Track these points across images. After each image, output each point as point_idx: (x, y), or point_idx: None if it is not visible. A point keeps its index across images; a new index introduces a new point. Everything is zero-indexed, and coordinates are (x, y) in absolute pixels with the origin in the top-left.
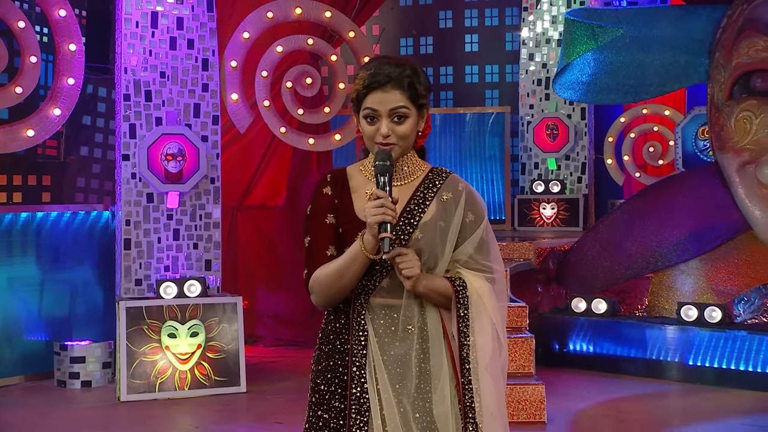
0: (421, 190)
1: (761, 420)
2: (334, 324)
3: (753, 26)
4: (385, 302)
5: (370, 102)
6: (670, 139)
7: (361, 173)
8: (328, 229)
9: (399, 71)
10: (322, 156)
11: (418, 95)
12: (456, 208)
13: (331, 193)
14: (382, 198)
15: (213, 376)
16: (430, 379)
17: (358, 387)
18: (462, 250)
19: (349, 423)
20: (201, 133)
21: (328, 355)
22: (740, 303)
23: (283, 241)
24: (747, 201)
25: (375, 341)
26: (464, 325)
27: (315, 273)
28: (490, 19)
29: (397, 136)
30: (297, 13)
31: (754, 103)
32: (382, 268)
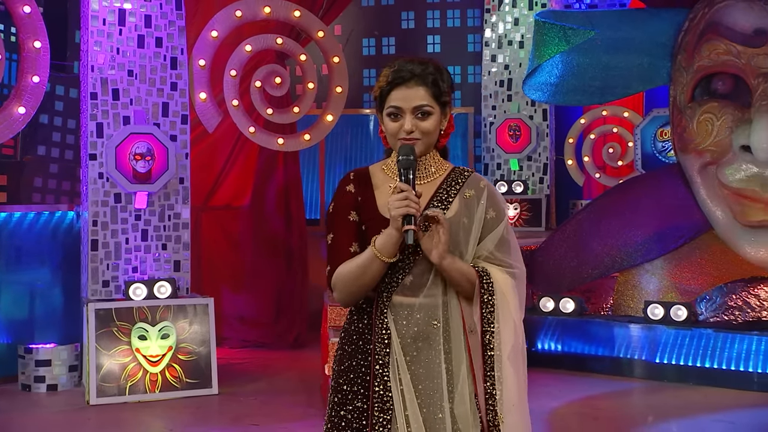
0: (444, 188)
1: (730, 416)
2: (357, 324)
3: (714, 30)
4: (408, 301)
5: (394, 98)
6: (629, 141)
7: (383, 172)
8: (351, 226)
9: (422, 68)
10: (289, 156)
11: (441, 93)
12: (478, 205)
13: (354, 190)
14: (406, 191)
15: (184, 378)
16: (452, 379)
17: (381, 386)
18: (482, 246)
19: (371, 422)
20: (170, 133)
21: (350, 355)
22: (702, 301)
23: (248, 242)
24: (709, 201)
25: (398, 341)
26: (488, 311)
27: (338, 270)
28: (452, 20)
29: (421, 132)
30: (266, 12)
31: (716, 106)
32: (405, 265)
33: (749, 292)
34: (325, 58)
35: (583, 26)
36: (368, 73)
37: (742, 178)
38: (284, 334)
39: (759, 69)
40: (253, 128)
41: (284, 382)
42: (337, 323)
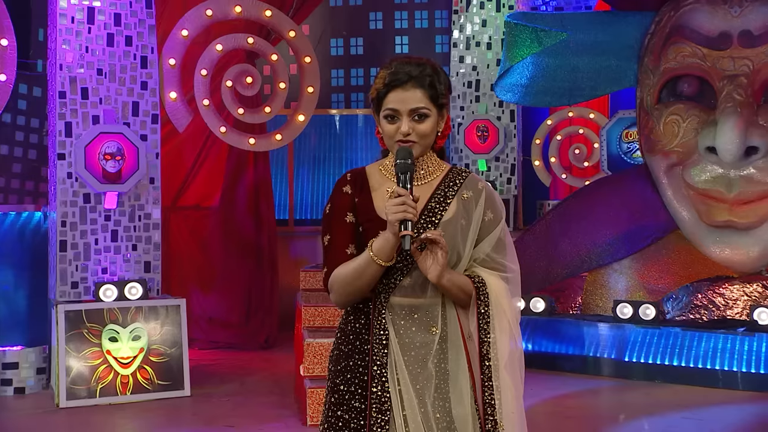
0: (442, 189)
1: (699, 413)
2: (354, 324)
3: (680, 33)
4: (406, 301)
5: (391, 101)
6: (595, 142)
7: (380, 172)
8: (347, 227)
9: (420, 70)
10: (259, 156)
11: (438, 95)
12: (476, 207)
13: (351, 191)
14: (403, 195)
15: (156, 380)
16: (449, 379)
17: (379, 386)
18: (480, 248)
19: (369, 422)
20: (140, 132)
21: (347, 355)
22: (669, 300)
23: (217, 243)
24: (675, 202)
25: (396, 341)
26: (485, 322)
27: (335, 272)
28: (419, 21)
29: (418, 134)
30: (237, 12)
31: (682, 107)
32: (403, 266)
33: (714, 291)
34: (297, 58)
35: (555, 28)
36: (336, 74)
37: (707, 179)
38: (254, 334)
39: (723, 72)
40: (225, 128)
41: (257, 383)
42: (311, 324)
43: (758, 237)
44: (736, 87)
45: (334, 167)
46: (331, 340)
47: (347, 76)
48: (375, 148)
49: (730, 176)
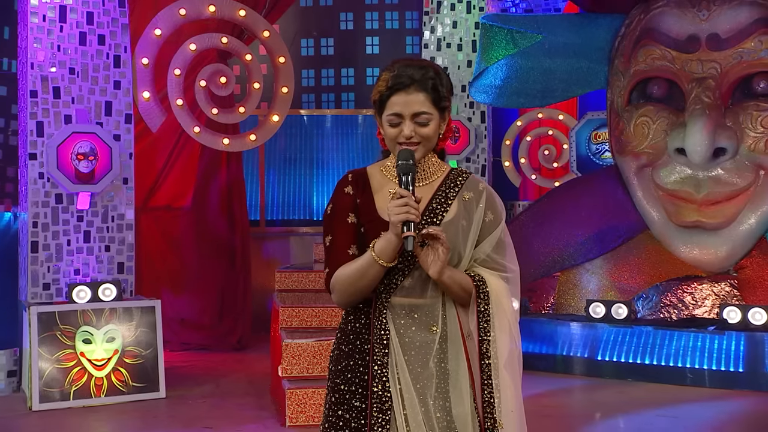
0: (443, 190)
1: (673, 411)
2: (354, 324)
3: (650, 36)
4: (407, 302)
5: (394, 104)
6: (564, 143)
7: (381, 173)
8: (349, 228)
9: (422, 73)
10: (232, 156)
11: (440, 98)
12: (477, 208)
13: (352, 192)
14: (406, 197)
15: (131, 382)
16: (449, 379)
17: (379, 385)
18: (480, 249)
19: (370, 422)
20: (113, 132)
21: (348, 354)
22: (640, 300)
23: (189, 244)
24: (645, 202)
25: (396, 340)
26: (484, 321)
27: (336, 272)
28: (390, 22)
29: (420, 137)
30: (210, 11)
31: (652, 109)
32: (404, 267)
33: (684, 290)
34: (271, 58)
35: (529, 30)
36: (307, 74)
37: (676, 180)
38: (227, 336)
39: (692, 74)
40: (198, 128)
41: (232, 385)
42: (289, 325)
43: (726, 237)
44: (705, 89)
45: (305, 168)
46: (309, 341)
47: (318, 76)
48: (345, 149)
49: (699, 177)
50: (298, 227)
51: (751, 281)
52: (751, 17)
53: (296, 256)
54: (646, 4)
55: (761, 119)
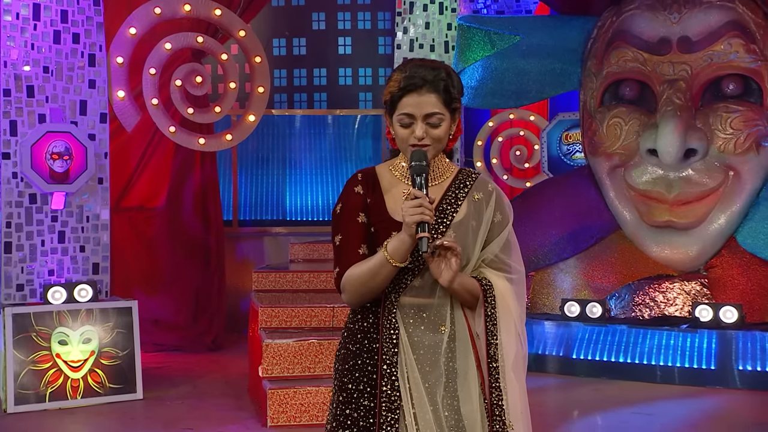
0: (453, 190)
1: (648, 408)
2: (362, 323)
3: (622, 38)
4: (416, 301)
5: (405, 105)
6: (536, 144)
7: (391, 173)
8: (359, 227)
9: (434, 74)
10: (206, 156)
11: (452, 99)
12: (486, 208)
13: (362, 192)
14: (420, 198)
15: (107, 383)
16: (457, 378)
17: (388, 385)
18: (488, 249)
19: (379, 421)
20: (88, 132)
21: (355, 354)
22: (612, 299)
23: (163, 244)
24: (617, 202)
25: (406, 340)
26: (491, 324)
27: (347, 272)
28: (363, 23)
29: (432, 138)
30: (186, 10)
31: (624, 110)
32: (414, 267)
33: (655, 289)
34: (247, 58)
35: (507, 31)
36: (279, 74)
37: (648, 180)
38: (201, 336)
39: (663, 76)
40: (174, 128)
41: (209, 385)
42: (268, 325)
43: (697, 237)
44: (676, 91)
45: (277, 168)
46: (290, 341)
47: (290, 76)
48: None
49: (670, 178)
50: (271, 227)
51: (720, 280)
52: (721, 20)
53: (270, 257)
54: (618, 6)
55: (731, 121)
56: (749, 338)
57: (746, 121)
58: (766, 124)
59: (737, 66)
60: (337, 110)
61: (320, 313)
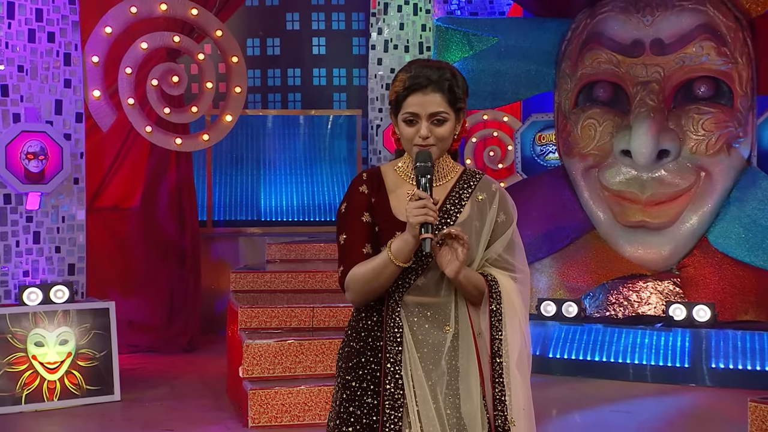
0: (457, 191)
1: (625, 406)
2: (366, 321)
3: (596, 40)
4: (420, 300)
5: (410, 104)
6: (509, 144)
7: (395, 173)
8: (364, 227)
9: (439, 74)
10: (182, 156)
11: (456, 99)
12: (490, 208)
13: (367, 191)
14: (424, 199)
15: (84, 385)
16: (459, 376)
17: (392, 383)
18: (492, 249)
19: (382, 419)
20: (64, 131)
21: (359, 352)
22: (587, 298)
23: (138, 245)
24: (591, 203)
25: (410, 339)
26: (497, 320)
27: (351, 271)
28: (337, 23)
29: (437, 138)
30: (162, 9)
31: (598, 112)
32: (418, 267)
33: (629, 288)
34: (224, 58)
35: (484, 32)
36: (252, 74)
37: (621, 181)
38: (177, 337)
39: (636, 78)
40: (150, 127)
41: (186, 386)
42: (248, 325)
43: (669, 236)
44: (649, 93)
45: (251, 168)
46: (270, 341)
47: (264, 76)
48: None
49: (643, 178)
50: (246, 228)
51: (693, 279)
52: (693, 23)
53: (246, 257)
54: (592, 9)
55: (702, 122)
56: (722, 336)
57: (717, 122)
58: (736, 126)
59: (709, 68)
60: (312, 110)
61: (300, 314)
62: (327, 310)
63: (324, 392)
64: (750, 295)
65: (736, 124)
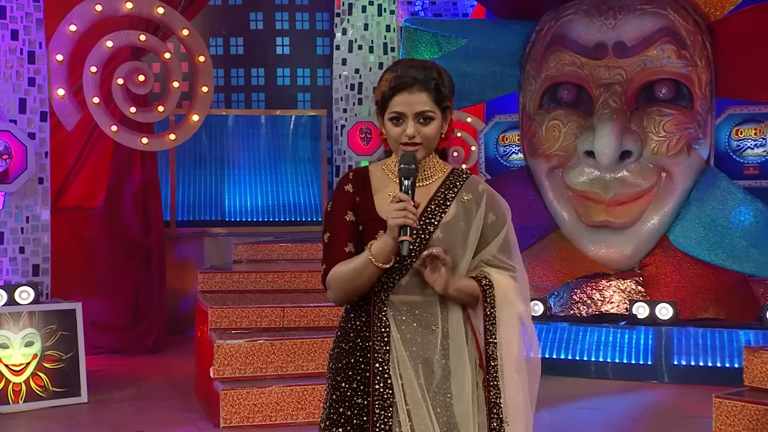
0: (442, 191)
1: (592, 403)
2: (354, 322)
3: (560, 42)
4: (406, 299)
5: (397, 103)
6: (473, 145)
7: (383, 172)
8: (347, 225)
9: (425, 74)
10: (147, 155)
11: (443, 97)
12: (477, 209)
13: (352, 190)
14: (405, 201)
15: (51, 387)
16: (450, 376)
17: (381, 383)
18: (487, 251)
19: (372, 419)
20: (28, 130)
21: (348, 352)
22: (552, 297)
23: (101, 245)
24: (555, 203)
25: (398, 337)
26: (490, 323)
27: (333, 270)
28: (300, 23)
29: (423, 137)
30: (127, 8)
31: (562, 113)
32: (401, 266)
33: (592, 287)
34: (190, 57)
35: (452, 33)
36: (216, 73)
37: (585, 181)
38: (142, 338)
39: (600, 80)
40: (116, 127)
41: (154, 388)
42: (218, 326)
43: (632, 236)
44: (612, 95)
45: (215, 168)
46: (241, 341)
47: (227, 75)
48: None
49: (606, 179)
50: (210, 228)
51: (654, 278)
52: (654, 27)
53: (211, 257)
54: (556, 11)
55: (663, 124)
56: (683, 334)
57: (678, 124)
58: (696, 128)
59: (669, 71)
60: (278, 110)
61: (271, 314)
62: (297, 310)
63: (296, 392)
64: (709, 293)
65: (696, 125)
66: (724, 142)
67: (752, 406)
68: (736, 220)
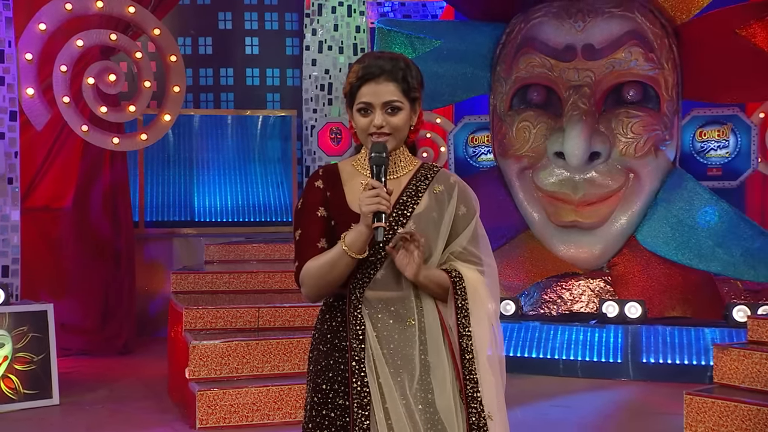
0: (414, 183)
1: (565, 401)
2: (330, 323)
3: (530, 44)
4: (382, 295)
5: (364, 94)
6: (442, 146)
7: (353, 167)
8: (319, 221)
9: (392, 64)
10: (116, 155)
11: (410, 88)
12: (449, 201)
13: (323, 186)
14: (378, 188)
15: (22, 389)
16: (430, 371)
17: (358, 381)
18: (457, 242)
19: (353, 418)
20: None
21: (326, 353)
22: (523, 297)
23: (70, 246)
24: (526, 203)
25: (374, 335)
26: (463, 316)
27: (306, 265)
28: (270, 23)
29: (391, 127)
30: (98, 7)
31: (532, 114)
32: (376, 260)
33: (562, 286)
34: (162, 57)
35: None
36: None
37: (554, 182)
38: (112, 340)
39: (569, 82)
40: (87, 126)
41: (126, 389)
42: (193, 326)
43: (600, 236)
44: (581, 96)
45: (184, 168)
46: (216, 342)
47: (195, 75)
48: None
49: (576, 180)
50: (180, 228)
51: (622, 277)
52: (622, 30)
53: (181, 258)
54: (526, 14)
55: (631, 125)
56: (652, 332)
57: (645, 126)
58: (663, 129)
59: (636, 73)
60: (248, 111)
61: (246, 314)
62: (272, 311)
63: (272, 392)
64: (676, 291)
65: (663, 127)
66: (688, 144)
67: (722, 402)
68: (703, 220)
